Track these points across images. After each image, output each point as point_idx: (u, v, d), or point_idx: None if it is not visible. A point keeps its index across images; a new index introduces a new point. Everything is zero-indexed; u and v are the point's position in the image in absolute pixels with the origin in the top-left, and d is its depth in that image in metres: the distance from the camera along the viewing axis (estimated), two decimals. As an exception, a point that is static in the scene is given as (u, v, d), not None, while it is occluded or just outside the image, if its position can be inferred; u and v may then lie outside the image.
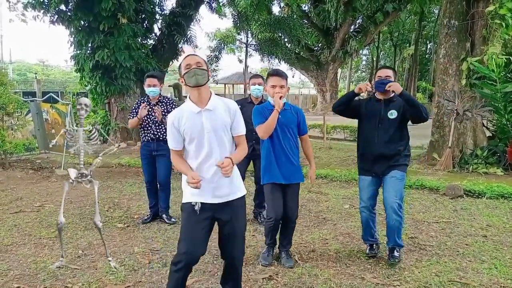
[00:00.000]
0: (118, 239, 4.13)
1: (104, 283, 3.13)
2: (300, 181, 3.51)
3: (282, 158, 3.37)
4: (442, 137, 8.00)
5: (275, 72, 3.39)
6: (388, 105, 3.48)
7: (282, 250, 3.53)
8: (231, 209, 2.48)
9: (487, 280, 3.16)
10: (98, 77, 10.79)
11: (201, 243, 2.46)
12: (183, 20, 12.23)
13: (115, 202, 5.50)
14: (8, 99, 7.91)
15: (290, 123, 3.40)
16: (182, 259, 2.41)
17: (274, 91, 3.28)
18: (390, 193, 3.43)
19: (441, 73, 8.06)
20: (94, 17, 10.03)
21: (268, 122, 3.27)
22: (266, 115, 3.32)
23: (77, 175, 3.53)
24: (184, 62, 2.40)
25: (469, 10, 7.63)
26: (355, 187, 6.30)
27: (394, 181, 3.44)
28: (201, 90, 2.39)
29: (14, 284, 3.11)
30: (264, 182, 3.46)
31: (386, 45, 36.60)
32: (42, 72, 44.48)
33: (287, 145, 3.38)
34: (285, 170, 3.38)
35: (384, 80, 3.45)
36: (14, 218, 4.80)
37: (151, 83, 4.48)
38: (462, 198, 5.63)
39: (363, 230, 3.73)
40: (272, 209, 3.40)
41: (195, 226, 2.43)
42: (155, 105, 4.52)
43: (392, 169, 3.45)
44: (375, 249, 3.66)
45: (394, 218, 3.41)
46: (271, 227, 3.45)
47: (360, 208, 3.68)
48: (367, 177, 3.58)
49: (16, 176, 7.25)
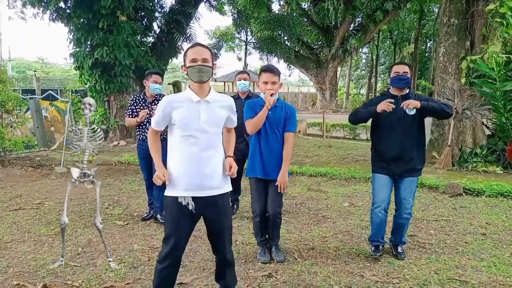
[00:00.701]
0: (118, 236, 4.13)
1: (104, 280, 3.13)
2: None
3: (268, 155, 3.38)
4: (441, 136, 8.00)
5: (267, 68, 3.36)
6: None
7: (272, 244, 3.57)
8: (218, 205, 2.48)
9: (486, 278, 3.17)
10: (97, 74, 10.77)
11: (185, 239, 2.48)
12: (183, 18, 12.21)
13: (115, 200, 5.50)
14: (7, 96, 7.90)
15: (279, 121, 3.39)
16: (169, 256, 2.41)
17: (266, 87, 3.28)
18: (406, 193, 3.43)
19: (441, 72, 8.06)
20: (94, 14, 10.01)
21: (256, 118, 3.29)
22: (257, 111, 3.33)
23: (80, 174, 3.50)
24: (190, 52, 2.39)
25: (469, 8, 7.62)
26: (354, 185, 6.31)
27: (410, 182, 3.43)
28: (203, 84, 2.42)
29: (14, 281, 3.11)
30: (248, 175, 3.52)
31: (385, 43, 36.55)
32: (41, 69, 44.41)
33: (273, 142, 3.38)
34: (269, 166, 3.39)
35: (403, 76, 3.35)
36: (14, 216, 4.80)
37: (157, 80, 4.44)
38: (462, 196, 5.64)
39: (374, 231, 3.57)
40: (256, 204, 3.47)
41: (181, 221, 2.41)
42: (152, 102, 4.46)
43: (409, 172, 3.40)
44: (381, 251, 3.56)
45: (405, 217, 3.47)
46: (258, 222, 3.51)
47: (374, 210, 3.50)
48: (385, 176, 3.45)
49: (16, 173, 7.24)
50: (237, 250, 3.71)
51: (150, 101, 4.49)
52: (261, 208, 3.46)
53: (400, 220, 3.49)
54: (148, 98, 4.51)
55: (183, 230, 2.43)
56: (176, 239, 2.41)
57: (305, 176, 6.77)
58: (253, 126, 3.32)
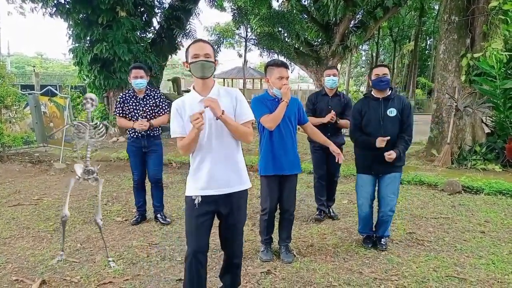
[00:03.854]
0: (117, 232, 4.12)
1: (103, 276, 3.13)
2: (298, 172, 3.47)
3: (281, 150, 3.34)
4: (441, 133, 8.00)
5: (280, 63, 3.32)
6: (386, 104, 3.57)
7: (282, 244, 3.52)
8: (233, 201, 2.45)
9: (485, 275, 3.17)
10: (96, 70, 10.74)
11: (203, 237, 2.44)
12: (182, 14, 12.18)
13: (114, 196, 5.49)
14: (6, 92, 7.89)
15: (291, 114, 3.39)
16: (190, 253, 2.41)
17: (282, 82, 3.25)
18: (389, 191, 3.59)
19: (441, 69, 8.05)
20: (93, 10, 9.97)
21: (276, 114, 3.25)
22: (268, 106, 3.31)
23: (84, 171, 3.47)
24: (192, 48, 2.35)
25: (470, 6, 7.60)
26: (353, 182, 6.31)
27: (392, 180, 3.59)
28: (206, 79, 2.38)
29: (13, 277, 3.11)
30: (262, 173, 3.42)
31: (385, 41, 36.48)
32: (40, 65, 44.24)
33: (287, 136, 3.36)
34: (284, 161, 3.35)
35: (383, 78, 3.52)
36: (12, 211, 4.79)
37: (137, 75, 4.14)
38: (461, 194, 5.64)
39: (362, 223, 3.79)
40: (267, 200, 3.40)
41: (196, 220, 2.40)
42: (143, 99, 4.24)
43: (391, 169, 3.57)
44: (372, 241, 3.76)
45: (388, 214, 3.62)
46: (265, 220, 3.44)
47: (360, 203, 3.73)
48: (367, 175, 3.66)
49: (14, 169, 7.23)
50: (236, 247, 3.71)
51: (141, 97, 4.25)
52: (272, 205, 3.41)
53: (384, 217, 3.64)
54: (138, 94, 4.25)
55: (198, 229, 2.41)
56: (192, 237, 2.42)
57: (305, 173, 6.76)
58: (273, 122, 3.26)
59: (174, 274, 3.19)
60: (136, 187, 4.43)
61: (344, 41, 16.87)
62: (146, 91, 4.28)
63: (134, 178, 4.42)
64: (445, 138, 7.77)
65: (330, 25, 17.45)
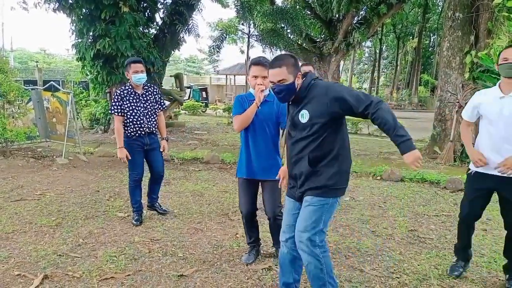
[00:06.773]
0: (119, 228, 4.14)
1: (105, 272, 3.14)
2: (272, 178, 3.03)
3: (257, 153, 3.13)
4: (443, 131, 7.97)
5: (258, 61, 3.00)
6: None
7: (276, 247, 3.40)
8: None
9: (486, 273, 3.17)
10: (99, 66, 10.73)
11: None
12: (185, 10, 12.12)
13: (116, 192, 5.51)
14: (9, 87, 7.89)
15: (269, 118, 3.10)
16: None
17: (256, 82, 2.96)
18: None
19: (444, 66, 8.01)
20: (96, 5, 9.94)
21: (244, 115, 3.04)
22: (246, 107, 3.08)
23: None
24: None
25: (474, 2, 7.54)
26: (356, 179, 6.31)
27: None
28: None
29: (15, 272, 3.13)
30: (237, 175, 3.30)
31: (389, 37, 36.32)
32: (43, 60, 44.28)
33: (262, 141, 3.12)
34: (256, 166, 3.14)
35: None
36: (15, 206, 4.81)
37: (138, 69, 4.02)
38: (463, 191, 5.61)
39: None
40: (242, 204, 3.28)
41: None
42: (143, 95, 4.14)
43: None
44: None
45: None
46: (244, 224, 3.37)
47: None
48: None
49: (17, 164, 7.25)
50: (237, 243, 3.72)
51: (140, 93, 4.15)
52: (247, 209, 3.26)
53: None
54: (137, 90, 4.13)
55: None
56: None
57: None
58: (240, 123, 3.06)
59: (175, 269, 3.20)
60: (135, 186, 4.31)
61: (347, 38, 16.78)
62: (144, 87, 4.19)
63: (134, 177, 4.27)
64: (447, 136, 7.74)
65: (333, 22, 17.38)
